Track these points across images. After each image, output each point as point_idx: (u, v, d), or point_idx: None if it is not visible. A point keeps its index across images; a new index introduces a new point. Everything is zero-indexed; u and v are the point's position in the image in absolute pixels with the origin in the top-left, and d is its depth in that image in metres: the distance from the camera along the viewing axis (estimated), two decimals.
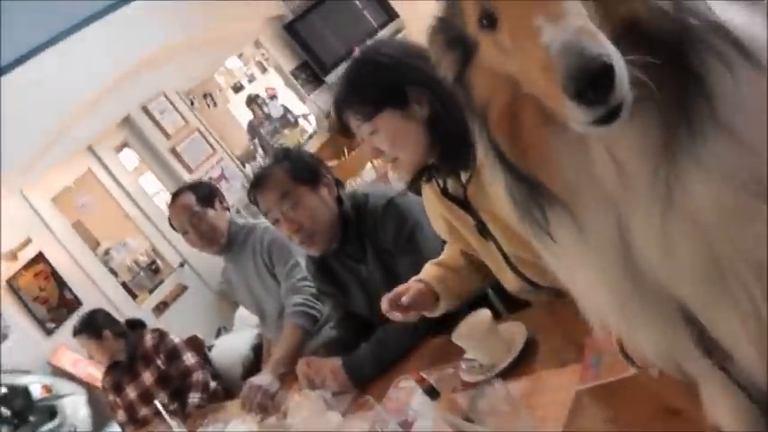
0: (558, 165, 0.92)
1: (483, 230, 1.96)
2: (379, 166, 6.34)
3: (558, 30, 0.78)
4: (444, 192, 1.97)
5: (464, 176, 1.90)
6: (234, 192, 7.03)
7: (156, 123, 7.14)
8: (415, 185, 2.05)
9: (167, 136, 7.21)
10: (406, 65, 1.88)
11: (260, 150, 7.87)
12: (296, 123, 8.34)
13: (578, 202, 0.92)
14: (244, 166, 7.57)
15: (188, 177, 6.89)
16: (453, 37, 0.98)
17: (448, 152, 1.86)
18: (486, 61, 0.94)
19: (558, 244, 0.97)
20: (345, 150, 7.64)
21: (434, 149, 1.88)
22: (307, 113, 8.41)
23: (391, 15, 8.60)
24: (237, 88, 8.13)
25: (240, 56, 8.25)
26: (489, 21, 0.90)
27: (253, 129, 8.05)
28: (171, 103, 7.29)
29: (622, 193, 0.88)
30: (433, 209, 2.09)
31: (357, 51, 2.14)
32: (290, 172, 2.58)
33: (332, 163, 7.47)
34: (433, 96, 1.84)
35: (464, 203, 1.94)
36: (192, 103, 7.49)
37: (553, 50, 0.78)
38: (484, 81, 0.95)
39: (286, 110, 8.34)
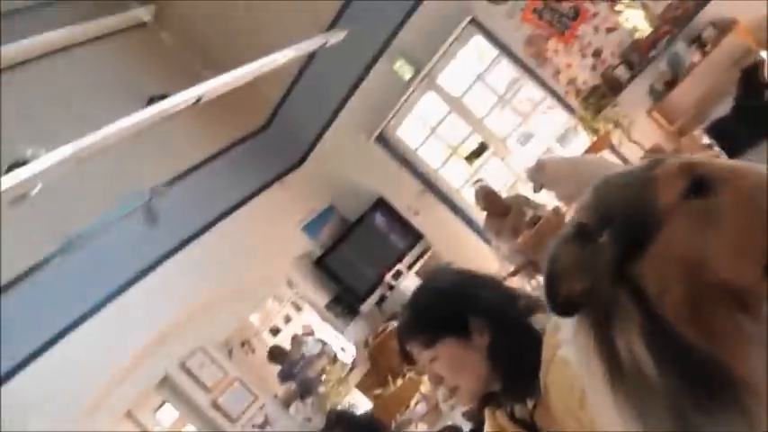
0: (749, 351, 0.83)
1: None
2: (429, 397, 6.12)
3: None
4: (512, 416, 1.94)
5: (530, 402, 1.89)
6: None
7: (196, 380, 7.03)
8: (479, 414, 2.01)
9: (207, 390, 7.06)
10: (466, 293, 1.93)
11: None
12: (335, 358, 8.22)
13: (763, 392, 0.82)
14: (288, 408, 7.37)
15: (229, 427, 6.67)
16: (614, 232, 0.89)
17: (512, 380, 1.87)
18: (669, 252, 0.85)
19: None
20: (390, 379, 7.43)
21: (496, 377, 1.88)
22: (344, 346, 8.31)
23: (417, 236, 8.72)
24: (275, 331, 8.10)
25: (274, 297, 8.30)
26: (700, 187, 0.84)
27: (284, 374, 7.93)
28: (209, 356, 7.21)
29: None
30: None
31: (421, 280, 2.26)
32: None
33: (377, 392, 7.25)
34: (495, 326, 1.87)
35: (532, 427, 1.90)
36: (231, 353, 7.42)
37: None
38: (662, 266, 0.85)
39: (323, 344, 8.25)
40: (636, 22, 7.77)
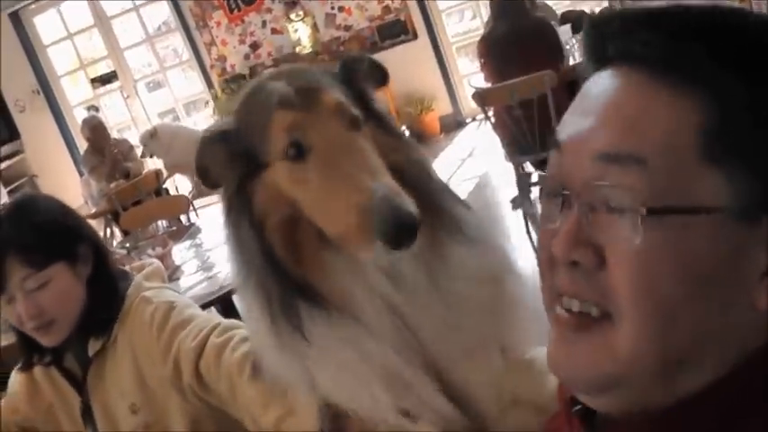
0: (331, 274, 1.06)
1: (86, 414, 1.80)
2: None
3: (379, 184, 0.95)
4: (60, 365, 1.78)
5: (94, 344, 1.74)
6: None
7: None
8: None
9: None
10: (78, 216, 1.81)
11: None
12: None
13: (353, 303, 1.06)
14: None
15: None
16: (239, 150, 1.08)
17: (94, 316, 1.72)
18: (273, 181, 1.05)
19: (313, 344, 1.06)
20: None
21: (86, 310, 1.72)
22: None
23: (13, 133, 8.08)
24: None
25: None
26: (298, 152, 1.02)
27: None
28: None
29: (394, 292, 1.06)
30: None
31: (25, 199, 1.94)
32: None
33: None
34: (97, 255, 1.74)
35: (78, 381, 1.78)
36: None
37: (376, 199, 0.93)
38: (267, 195, 1.06)
39: None
40: (302, 37, 8.17)
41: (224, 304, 2.89)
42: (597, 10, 7.06)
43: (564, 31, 5.25)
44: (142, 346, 1.70)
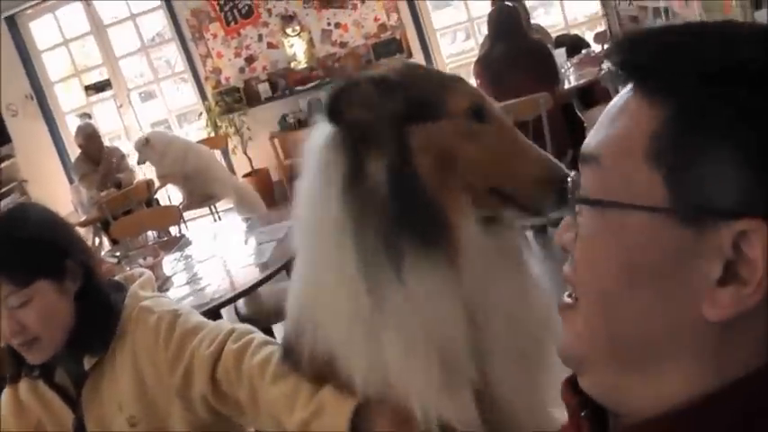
0: (465, 224, 1.15)
1: (78, 430, 1.74)
2: None
3: (548, 160, 1.18)
4: (50, 380, 1.74)
5: (88, 361, 1.72)
6: None
7: None
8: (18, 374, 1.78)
9: None
10: (66, 231, 1.73)
11: None
12: None
13: (464, 262, 1.14)
14: None
15: None
16: (398, 97, 1.17)
17: (87, 332, 1.68)
18: (441, 131, 1.15)
19: (404, 287, 1.12)
20: None
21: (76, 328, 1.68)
22: None
23: (4, 137, 8.04)
24: None
25: None
26: (478, 116, 1.17)
27: None
28: None
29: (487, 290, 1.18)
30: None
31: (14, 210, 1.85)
32: None
33: None
34: (86, 269, 1.69)
35: (72, 398, 1.74)
36: None
37: (551, 162, 1.17)
38: (429, 140, 1.15)
39: None
40: (297, 52, 8.18)
41: (212, 318, 2.87)
42: (592, 34, 7.12)
43: (559, 54, 5.28)
44: (146, 356, 1.67)
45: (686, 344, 0.60)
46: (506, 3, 4.98)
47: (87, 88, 8.86)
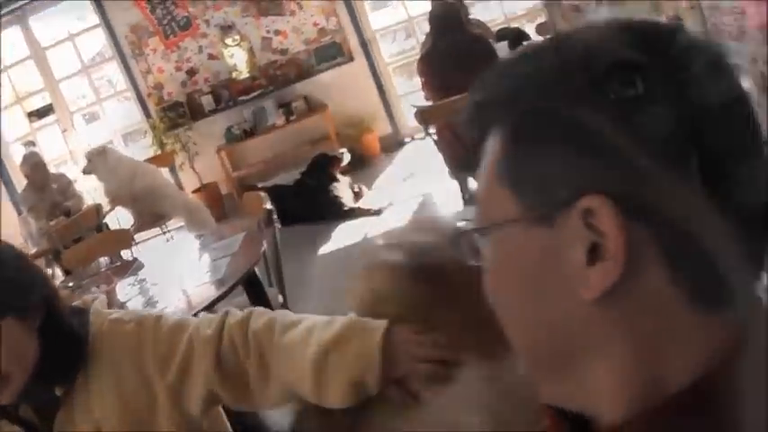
0: None
1: None
2: None
3: None
4: (12, 415, 1.70)
5: (59, 391, 1.70)
6: None
7: None
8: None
9: None
10: (29, 266, 1.70)
11: None
12: None
13: None
14: None
15: None
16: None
17: (54, 363, 1.65)
18: None
19: None
20: None
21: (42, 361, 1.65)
22: None
23: None
24: None
25: None
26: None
27: None
28: None
29: None
30: None
31: None
32: None
33: None
34: (49, 303, 1.66)
35: (38, 429, 1.71)
36: None
37: None
38: None
39: None
40: (238, 62, 8.12)
41: None
42: (533, 26, 7.18)
43: (501, 48, 5.31)
44: (128, 362, 1.66)
45: (593, 334, 0.62)
46: None
47: (30, 114, 8.69)
